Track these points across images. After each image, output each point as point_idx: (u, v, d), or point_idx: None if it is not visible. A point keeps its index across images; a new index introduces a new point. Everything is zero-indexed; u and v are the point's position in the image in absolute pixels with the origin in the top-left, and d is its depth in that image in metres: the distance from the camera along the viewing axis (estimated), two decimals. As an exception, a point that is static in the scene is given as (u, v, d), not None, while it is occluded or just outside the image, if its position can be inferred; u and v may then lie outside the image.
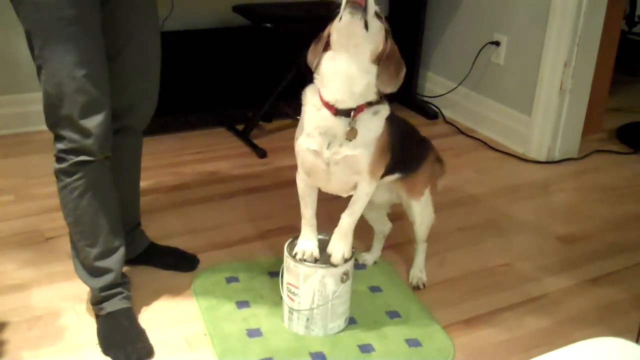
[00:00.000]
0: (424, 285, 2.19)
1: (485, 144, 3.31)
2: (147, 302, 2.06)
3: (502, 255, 2.42)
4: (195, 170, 2.89)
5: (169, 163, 2.92)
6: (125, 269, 1.99)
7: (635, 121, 3.59)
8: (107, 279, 1.91)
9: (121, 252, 1.93)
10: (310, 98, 1.76)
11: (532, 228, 2.64)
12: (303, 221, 1.91)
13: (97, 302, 1.93)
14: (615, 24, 3.29)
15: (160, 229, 2.36)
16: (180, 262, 2.22)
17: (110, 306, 1.92)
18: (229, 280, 2.16)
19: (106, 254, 1.90)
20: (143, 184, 2.20)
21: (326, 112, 1.72)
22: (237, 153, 3.07)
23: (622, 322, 2.08)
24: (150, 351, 1.86)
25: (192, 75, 3.35)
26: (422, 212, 2.10)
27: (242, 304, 2.05)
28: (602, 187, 2.97)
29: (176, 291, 2.11)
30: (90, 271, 1.91)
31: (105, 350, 1.86)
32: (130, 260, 2.17)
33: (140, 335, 1.89)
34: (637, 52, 4.41)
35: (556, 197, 2.91)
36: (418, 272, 2.22)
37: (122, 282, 1.96)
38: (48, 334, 1.91)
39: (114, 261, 1.92)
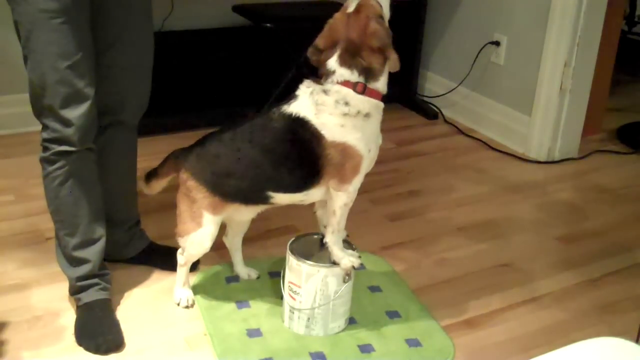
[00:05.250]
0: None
1: (485, 144, 3.31)
2: (148, 302, 2.06)
3: (502, 255, 2.42)
4: (195, 170, 2.88)
5: (169, 163, 2.92)
6: (125, 268, 1.99)
7: (635, 121, 3.59)
8: (85, 269, 1.93)
9: (101, 243, 1.95)
10: (374, 107, 1.76)
11: (532, 228, 2.64)
12: (340, 235, 1.86)
13: (74, 292, 1.95)
14: (615, 24, 3.29)
15: (160, 229, 2.35)
16: (181, 262, 2.23)
17: (86, 297, 1.93)
18: (229, 280, 2.16)
19: (85, 244, 1.92)
20: (143, 183, 2.20)
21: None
22: (237, 153, 3.07)
23: (622, 322, 2.08)
24: (119, 343, 1.87)
25: (192, 75, 3.35)
26: None
27: (242, 304, 2.05)
28: (602, 187, 2.97)
29: (176, 291, 2.11)
30: (69, 260, 1.94)
31: (78, 340, 1.87)
32: (130, 259, 2.18)
33: (112, 327, 1.90)
34: (637, 52, 4.40)
35: (556, 197, 2.91)
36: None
37: (100, 273, 1.97)
38: (48, 334, 1.91)
39: (93, 252, 1.93)
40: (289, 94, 1.81)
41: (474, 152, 3.26)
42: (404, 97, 3.65)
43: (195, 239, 1.92)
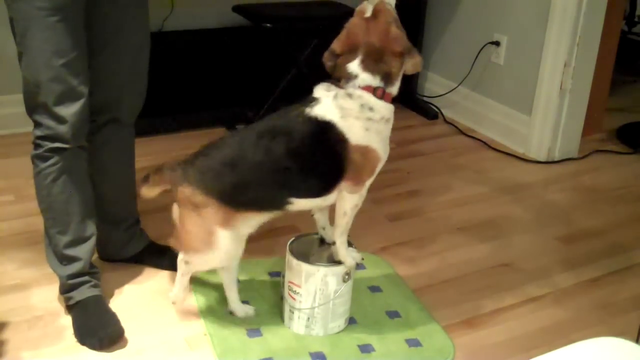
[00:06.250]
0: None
1: (485, 144, 3.31)
2: (148, 302, 2.06)
3: (502, 255, 2.42)
4: (195, 170, 2.88)
5: (169, 163, 2.92)
6: (124, 267, 1.99)
7: (635, 121, 3.59)
8: (76, 267, 1.93)
9: (92, 242, 1.95)
10: (391, 111, 1.77)
11: (532, 228, 2.64)
12: (346, 236, 1.87)
13: (65, 290, 1.95)
14: (615, 24, 3.29)
15: (160, 229, 2.35)
16: (180, 262, 2.23)
17: (78, 295, 1.93)
18: (229, 280, 2.16)
19: (76, 242, 1.92)
20: (143, 183, 2.19)
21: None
22: (237, 153, 3.07)
23: (622, 322, 2.08)
24: (121, 333, 1.87)
25: (192, 75, 3.35)
26: None
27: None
28: (602, 187, 2.97)
29: (176, 291, 2.11)
30: (60, 259, 1.94)
31: (80, 340, 1.87)
32: (130, 258, 2.18)
33: (110, 319, 1.90)
34: (637, 52, 4.41)
35: (556, 197, 2.91)
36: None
37: (90, 271, 1.97)
38: (48, 334, 1.92)
39: (84, 250, 1.94)
40: (289, 95, 1.81)
41: (474, 152, 3.26)
42: (404, 97, 3.62)
43: (208, 259, 1.86)
